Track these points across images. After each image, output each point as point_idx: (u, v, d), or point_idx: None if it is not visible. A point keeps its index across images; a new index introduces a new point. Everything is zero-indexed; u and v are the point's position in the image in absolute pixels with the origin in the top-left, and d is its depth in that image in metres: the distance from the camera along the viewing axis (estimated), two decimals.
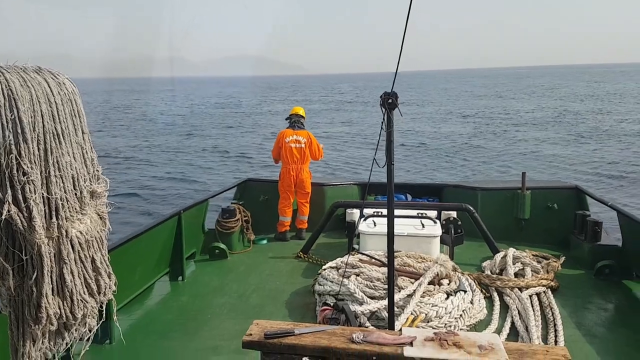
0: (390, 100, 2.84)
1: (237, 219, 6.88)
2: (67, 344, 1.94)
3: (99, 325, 2.04)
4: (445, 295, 4.73)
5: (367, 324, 4.39)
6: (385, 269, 4.91)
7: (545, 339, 4.33)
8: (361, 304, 4.53)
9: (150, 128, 38.53)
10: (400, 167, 20.69)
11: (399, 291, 4.58)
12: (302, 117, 7.61)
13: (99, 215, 1.99)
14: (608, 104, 49.35)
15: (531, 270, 5.55)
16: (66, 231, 1.82)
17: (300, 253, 6.61)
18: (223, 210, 6.95)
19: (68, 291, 1.85)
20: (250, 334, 2.54)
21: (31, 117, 1.72)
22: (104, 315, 2.07)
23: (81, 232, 1.87)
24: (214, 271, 6.18)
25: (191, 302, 5.28)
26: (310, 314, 4.86)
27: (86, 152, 1.93)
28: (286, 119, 7.75)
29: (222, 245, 6.59)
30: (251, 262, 6.46)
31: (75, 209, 1.86)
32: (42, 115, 1.75)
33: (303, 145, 7.31)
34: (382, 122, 2.92)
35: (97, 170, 1.98)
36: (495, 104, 54.15)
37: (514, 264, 5.68)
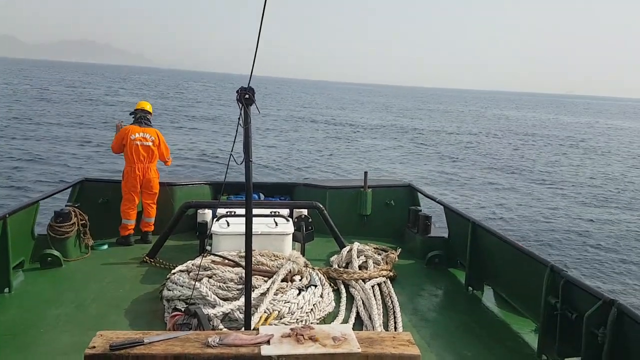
0: (247, 96, 2.80)
1: (72, 223, 6.22)
2: None
3: None
4: (298, 291, 4.85)
5: (221, 326, 4.31)
6: (238, 269, 4.87)
7: (386, 326, 4.70)
8: (214, 306, 4.43)
9: None
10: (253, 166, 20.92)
11: (253, 290, 4.58)
12: (149, 112, 7.14)
13: None
14: (436, 121, 56.51)
15: (373, 263, 5.98)
16: None
17: (146, 257, 6.22)
18: (56, 213, 6.22)
19: None
20: (94, 347, 2.31)
21: None
22: None
23: None
24: (46, 281, 5.53)
25: (20, 315, 4.66)
26: (159, 322, 4.60)
27: None
28: (130, 114, 7.19)
29: (56, 252, 5.92)
30: (89, 270, 5.89)
31: None
32: None
33: (151, 144, 6.88)
34: (239, 118, 2.87)
35: None
36: (340, 114, 57.94)
37: (358, 257, 6.07)
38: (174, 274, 5.08)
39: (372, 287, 5.40)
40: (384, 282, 5.60)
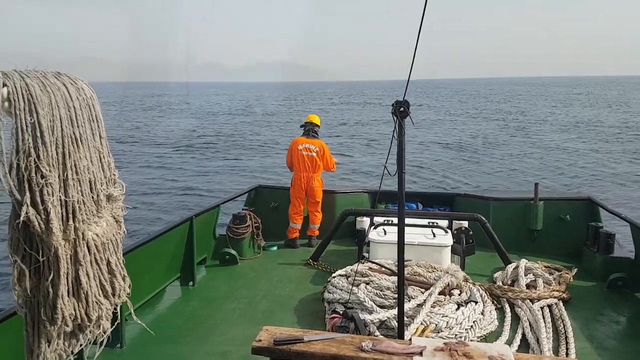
0: (402, 109, 2.85)
1: (247, 225, 6.90)
2: (81, 345, 1.96)
3: (113, 327, 2.06)
4: (456, 306, 4.69)
5: (377, 332, 4.37)
6: (395, 278, 4.89)
7: (556, 351, 4.28)
8: (370, 312, 4.52)
9: (176, 132, 38.31)
10: (412, 175, 20.61)
11: (409, 300, 4.57)
12: (317, 125, 7.62)
13: (114, 218, 2.02)
14: (626, 115, 48.74)
15: (543, 282, 5.50)
16: (82, 234, 1.85)
17: (310, 260, 6.61)
18: (234, 216, 6.98)
19: (83, 293, 1.88)
20: (260, 340, 2.55)
21: (50, 121, 1.76)
22: (118, 317, 2.10)
23: (97, 235, 1.90)
24: (224, 277, 6.21)
25: (201, 307, 5.30)
26: (320, 322, 4.86)
27: (103, 156, 1.97)
28: (300, 127, 7.78)
29: (233, 251, 6.61)
30: (261, 268, 6.47)
31: (92, 212, 1.89)
32: (60, 119, 1.79)
33: (315, 154, 7.32)
34: (394, 130, 2.93)
35: (113, 174, 2.02)
36: (509, 111, 53.79)
37: (525, 275, 5.63)
38: (334, 277, 5.32)
39: (542, 308, 4.96)
40: (556, 304, 5.11)
